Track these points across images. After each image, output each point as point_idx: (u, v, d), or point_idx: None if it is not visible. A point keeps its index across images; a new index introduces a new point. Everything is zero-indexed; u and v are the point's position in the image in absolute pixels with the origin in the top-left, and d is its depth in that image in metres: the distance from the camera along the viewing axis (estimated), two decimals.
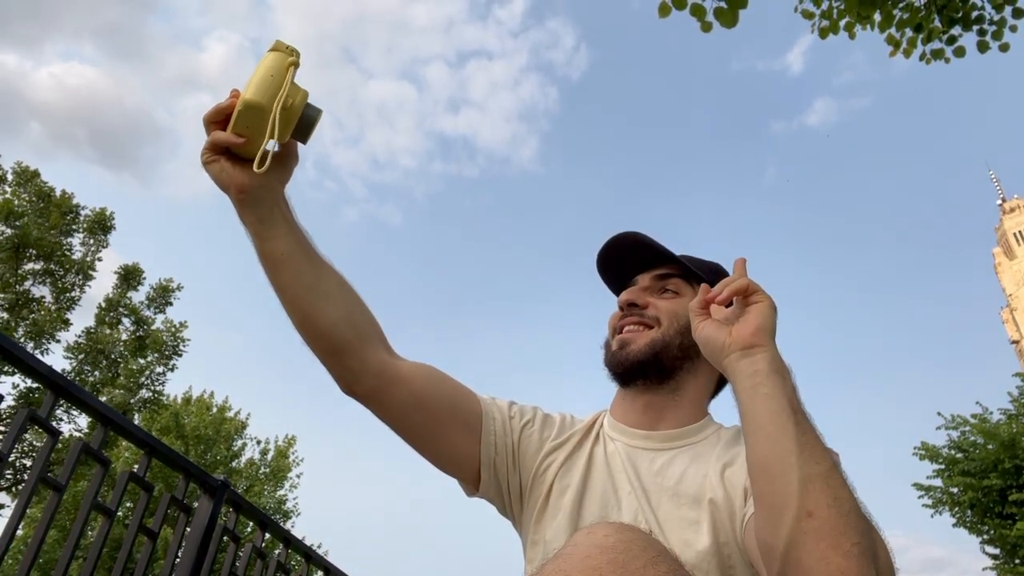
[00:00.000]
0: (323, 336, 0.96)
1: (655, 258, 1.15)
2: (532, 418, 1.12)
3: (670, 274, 1.14)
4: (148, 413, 16.14)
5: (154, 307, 16.90)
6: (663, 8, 3.54)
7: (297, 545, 2.41)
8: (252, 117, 0.83)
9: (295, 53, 0.85)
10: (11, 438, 1.40)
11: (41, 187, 15.74)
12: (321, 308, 0.95)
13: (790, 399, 0.75)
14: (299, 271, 0.94)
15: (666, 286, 1.14)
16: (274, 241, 0.93)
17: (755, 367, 0.78)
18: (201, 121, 0.88)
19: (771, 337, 0.81)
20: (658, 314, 1.10)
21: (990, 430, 11.81)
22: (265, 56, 0.85)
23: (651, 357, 1.06)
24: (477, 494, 1.10)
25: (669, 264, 1.15)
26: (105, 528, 1.65)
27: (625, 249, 1.16)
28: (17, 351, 1.40)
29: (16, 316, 14.92)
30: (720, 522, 0.91)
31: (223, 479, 2.02)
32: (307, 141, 0.90)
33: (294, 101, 0.84)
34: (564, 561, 0.58)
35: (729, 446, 1.02)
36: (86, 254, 16.23)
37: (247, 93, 0.82)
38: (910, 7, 4.15)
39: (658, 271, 1.15)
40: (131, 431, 1.71)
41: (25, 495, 1.42)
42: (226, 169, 0.88)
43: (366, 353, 0.98)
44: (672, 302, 1.11)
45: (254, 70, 0.84)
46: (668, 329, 1.08)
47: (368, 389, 0.99)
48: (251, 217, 0.92)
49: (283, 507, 17.75)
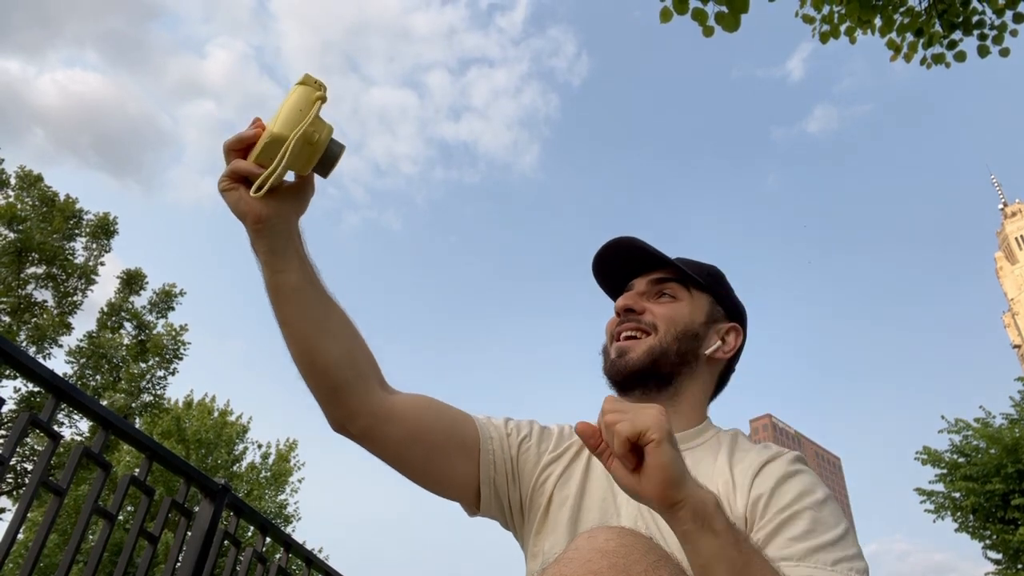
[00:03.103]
0: (323, 373, 0.95)
1: (651, 262, 1.14)
2: (529, 432, 1.13)
3: (666, 278, 1.14)
4: (149, 417, 16.14)
5: (156, 312, 16.92)
6: (665, 13, 3.55)
7: (298, 550, 2.40)
8: (277, 149, 0.82)
9: (323, 88, 0.85)
10: (12, 442, 1.40)
11: (44, 192, 15.78)
12: (324, 345, 0.94)
13: (723, 551, 0.68)
14: (307, 305, 0.93)
15: (663, 290, 1.13)
16: (285, 274, 0.91)
17: (682, 527, 0.69)
18: (221, 148, 0.87)
19: (682, 485, 0.69)
20: (655, 320, 1.09)
21: (993, 434, 11.77)
22: (293, 89, 0.84)
23: (650, 365, 1.06)
24: (479, 513, 1.10)
25: (665, 268, 1.14)
26: (106, 532, 1.65)
27: (621, 254, 1.16)
28: (19, 355, 1.40)
29: (18, 320, 14.94)
30: None
31: (224, 483, 2.02)
32: (327, 176, 0.90)
33: (320, 136, 0.84)
34: (565, 566, 0.58)
35: (730, 453, 1.02)
36: (88, 259, 16.26)
37: (275, 126, 0.82)
38: (911, 12, 4.15)
39: (654, 275, 1.14)
40: (132, 435, 1.71)
41: (26, 499, 1.42)
42: (244, 198, 0.86)
43: (363, 392, 0.97)
44: (669, 307, 1.11)
45: (281, 103, 0.84)
46: (666, 335, 1.08)
47: (362, 428, 0.98)
48: (265, 247, 0.90)
49: (284, 511, 17.73)
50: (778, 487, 0.92)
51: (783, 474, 0.94)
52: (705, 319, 1.13)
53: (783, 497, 0.90)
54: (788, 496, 0.90)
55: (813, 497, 0.89)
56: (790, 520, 0.86)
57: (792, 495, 0.90)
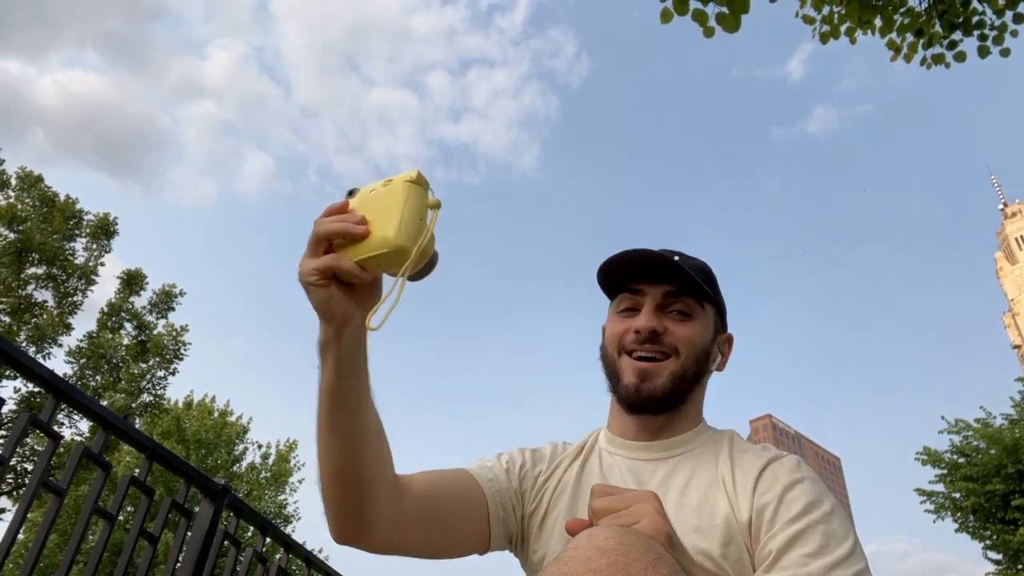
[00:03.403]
0: (358, 483, 0.88)
1: (667, 272, 1.07)
2: (523, 461, 1.13)
3: (680, 292, 1.07)
4: (149, 417, 16.15)
5: (156, 312, 16.93)
6: (665, 14, 3.55)
7: (298, 550, 2.40)
8: (394, 260, 0.75)
9: (429, 188, 0.77)
10: (12, 442, 1.40)
11: (44, 192, 15.78)
12: (363, 450, 0.88)
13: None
14: (363, 412, 0.87)
15: (678, 307, 1.08)
16: (351, 379, 0.84)
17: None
18: (313, 238, 0.77)
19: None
20: (676, 343, 1.05)
21: (993, 435, 11.77)
22: (406, 189, 0.75)
23: (672, 391, 1.04)
24: (489, 550, 1.08)
25: (679, 281, 1.07)
26: (106, 532, 1.65)
27: (640, 262, 1.09)
28: (19, 355, 1.40)
29: (18, 320, 14.94)
30: (729, 532, 0.91)
31: (224, 483, 2.02)
32: (419, 280, 0.82)
33: (431, 246, 0.77)
34: (565, 564, 0.58)
35: (731, 453, 1.03)
36: (88, 259, 16.26)
37: (396, 234, 0.73)
38: (911, 12, 4.16)
39: (668, 287, 1.07)
40: (132, 435, 1.71)
41: (26, 499, 1.42)
42: (336, 297, 0.77)
43: (384, 502, 0.91)
44: (689, 329, 1.06)
45: (391, 199, 0.75)
46: (687, 359, 1.05)
47: (377, 542, 0.94)
48: (341, 351, 0.82)
49: (284, 512, 17.73)
50: (785, 495, 0.91)
51: (789, 481, 0.93)
52: (713, 334, 1.11)
53: (791, 507, 0.89)
54: (797, 507, 0.89)
55: (822, 509, 0.88)
56: (803, 534, 0.85)
57: (801, 506, 0.89)
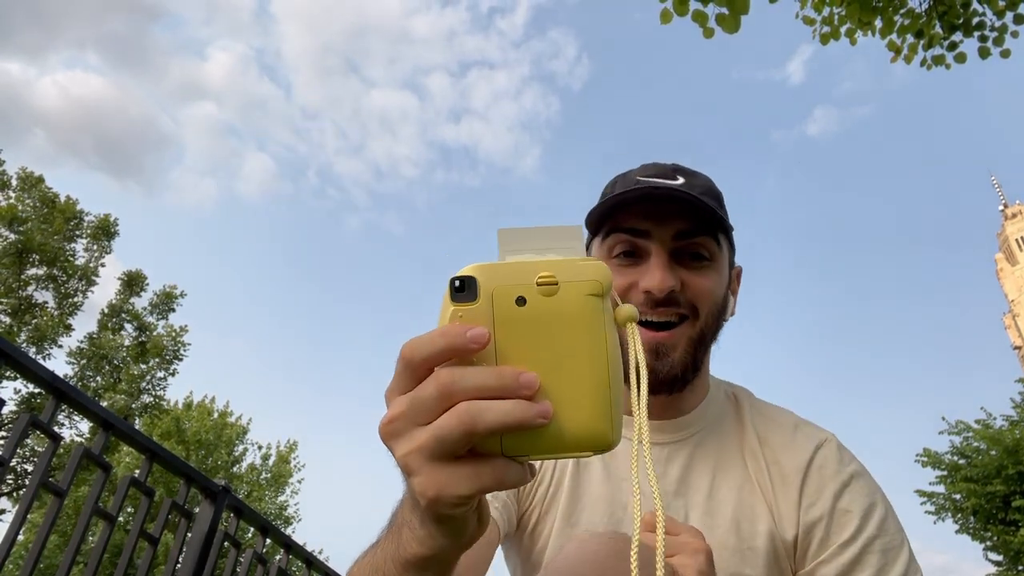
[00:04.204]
0: None
1: (676, 206, 0.85)
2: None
3: (695, 230, 0.85)
4: (149, 418, 16.14)
5: (157, 313, 16.94)
6: (665, 15, 3.56)
7: (298, 551, 2.40)
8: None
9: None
10: (13, 443, 1.40)
11: (45, 193, 15.80)
12: None
13: None
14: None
15: (696, 249, 0.86)
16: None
17: None
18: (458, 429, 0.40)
19: None
20: (695, 300, 0.85)
21: (993, 436, 11.77)
22: (598, 317, 0.41)
23: (692, 363, 0.86)
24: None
25: (697, 218, 0.85)
26: (106, 534, 1.65)
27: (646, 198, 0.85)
28: (19, 356, 1.40)
29: (19, 321, 14.95)
30: (775, 553, 0.82)
31: (224, 484, 2.02)
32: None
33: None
34: (554, 574, 0.56)
35: (757, 440, 0.89)
36: (89, 260, 16.28)
37: (615, 431, 0.40)
38: (911, 13, 4.16)
39: (679, 224, 0.85)
40: (132, 436, 1.71)
41: (26, 500, 1.42)
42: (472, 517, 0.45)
43: None
44: (707, 278, 0.86)
45: (576, 341, 0.40)
46: (707, 318, 0.86)
47: None
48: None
49: (284, 513, 17.72)
50: (836, 505, 0.82)
51: (838, 486, 0.83)
52: (728, 277, 0.92)
53: (845, 524, 0.80)
54: (851, 523, 0.80)
55: (876, 517, 0.80)
56: (860, 560, 0.78)
57: (856, 521, 0.80)
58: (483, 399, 0.38)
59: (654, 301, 0.83)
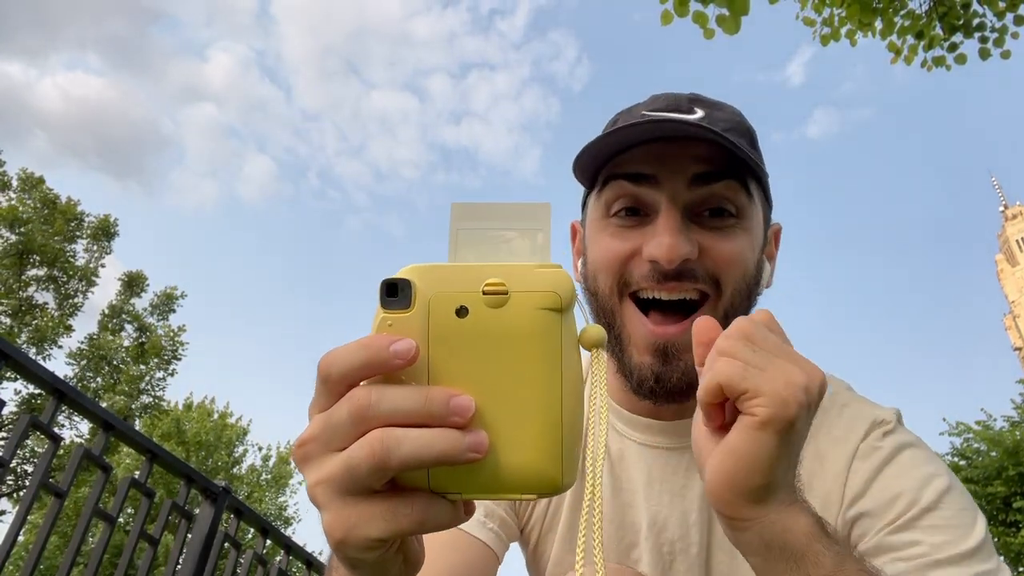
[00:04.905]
0: None
1: (691, 144, 0.67)
2: None
3: (717, 174, 0.66)
4: (149, 419, 16.16)
5: (157, 314, 16.97)
6: (665, 16, 3.56)
7: (298, 552, 2.40)
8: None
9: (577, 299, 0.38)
10: (13, 444, 1.41)
11: (46, 194, 15.82)
12: None
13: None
14: None
15: (718, 202, 0.67)
16: None
17: (748, 555, 0.48)
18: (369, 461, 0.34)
19: (762, 500, 0.45)
20: (717, 270, 0.66)
21: (994, 437, 11.77)
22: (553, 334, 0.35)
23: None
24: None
25: (719, 159, 0.66)
26: (106, 535, 1.65)
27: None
28: (20, 357, 1.40)
29: (19, 322, 14.96)
30: None
31: (224, 485, 2.02)
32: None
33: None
34: None
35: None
36: (89, 260, 16.29)
37: (566, 473, 0.35)
38: (911, 14, 4.16)
39: (696, 167, 0.66)
40: (133, 437, 1.71)
41: (27, 501, 1.42)
42: (396, 560, 0.37)
43: None
44: (733, 240, 0.67)
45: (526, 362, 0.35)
46: (734, 293, 0.67)
47: None
48: None
49: (284, 514, 17.72)
50: (880, 486, 0.63)
51: (880, 463, 0.64)
52: (764, 237, 0.73)
53: (893, 504, 0.61)
54: (901, 501, 0.60)
55: (933, 490, 0.61)
56: (909, 538, 0.58)
57: (907, 497, 0.60)
58: (404, 425, 0.32)
59: (662, 274, 0.64)
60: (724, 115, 0.70)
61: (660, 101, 0.72)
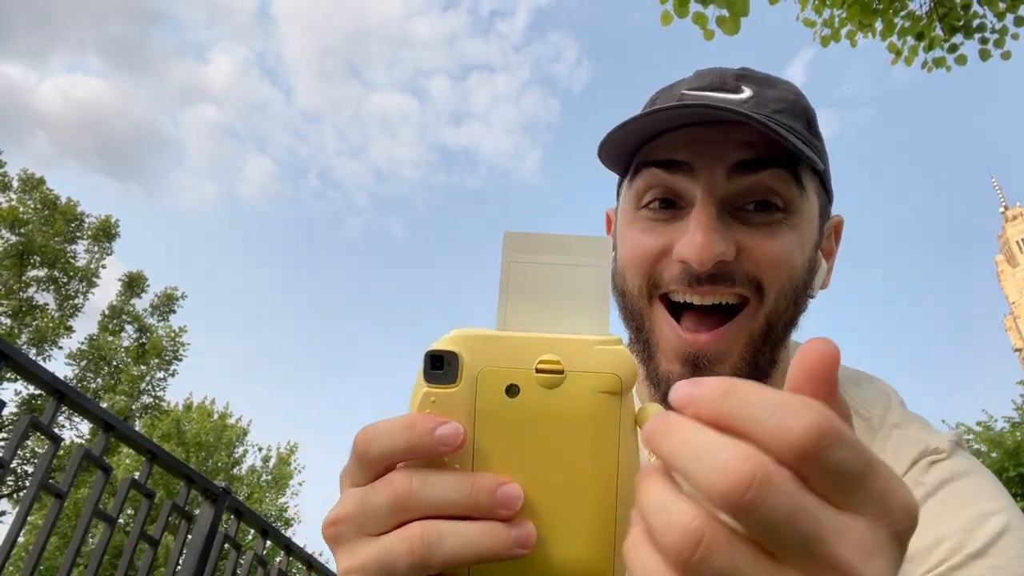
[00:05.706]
0: None
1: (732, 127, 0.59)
2: None
3: (761, 162, 0.59)
4: (149, 419, 16.17)
5: (158, 314, 16.98)
6: (665, 17, 3.56)
7: (298, 553, 2.40)
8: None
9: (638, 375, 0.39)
10: (13, 445, 1.41)
11: (46, 195, 15.83)
12: None
13: None
14: None
15: (763, 195, 0.59)
16: None
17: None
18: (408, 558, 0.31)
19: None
20: (759, 273, 0.59)
21: (994, 438, 11.76)
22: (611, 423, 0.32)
23: (752, 371, 0.60)
24: None
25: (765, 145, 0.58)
26: (106, 535, 1.65)
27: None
28: (20, 357, 1.40)
29: (19, 323, 14.97)
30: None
31: (225, 486, 2.02)
32: None
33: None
34: None
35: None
36: (90, 261, 16.31)
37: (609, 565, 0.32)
38: (912, 16, 4.16)
39: (738, 154, 0.58)
40: (133, 437, 1.71)
41: (27, 502, 1.42)
42: None
43: None
44: (778, 239, 0.59)
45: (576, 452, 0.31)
46: (779, 299, 0.60)
47: None
48: None
49: (284, 515, 17.73)
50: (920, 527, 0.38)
51: (922, 497, 0.54)
52: (818, 233, 0.65)
53: (933, 549, 0.52)
54: (944, 547, 0.51)
55: (986, 531, 0.51)
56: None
57: (953, 541, 0.51)
58: (447, 517, 0.29)
59: (694, 276, 0.57)
60: (776, 93, 0.63)
61: (704, 78, 0.66)
